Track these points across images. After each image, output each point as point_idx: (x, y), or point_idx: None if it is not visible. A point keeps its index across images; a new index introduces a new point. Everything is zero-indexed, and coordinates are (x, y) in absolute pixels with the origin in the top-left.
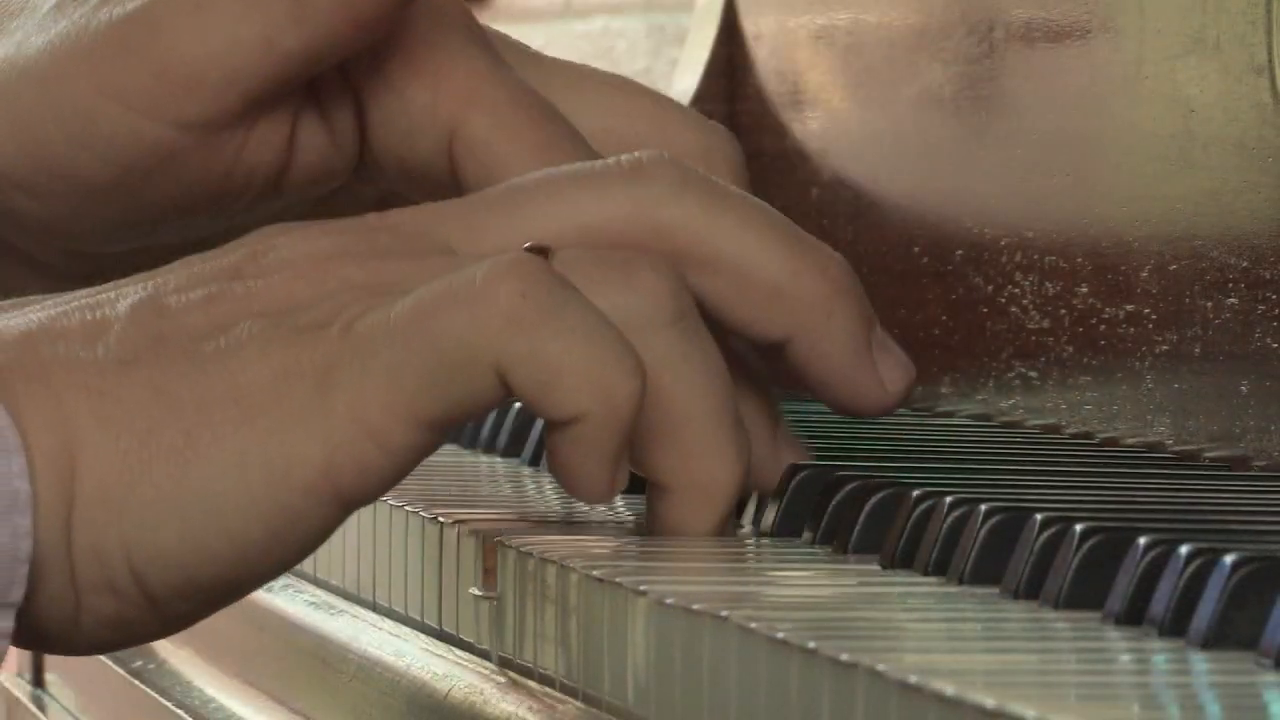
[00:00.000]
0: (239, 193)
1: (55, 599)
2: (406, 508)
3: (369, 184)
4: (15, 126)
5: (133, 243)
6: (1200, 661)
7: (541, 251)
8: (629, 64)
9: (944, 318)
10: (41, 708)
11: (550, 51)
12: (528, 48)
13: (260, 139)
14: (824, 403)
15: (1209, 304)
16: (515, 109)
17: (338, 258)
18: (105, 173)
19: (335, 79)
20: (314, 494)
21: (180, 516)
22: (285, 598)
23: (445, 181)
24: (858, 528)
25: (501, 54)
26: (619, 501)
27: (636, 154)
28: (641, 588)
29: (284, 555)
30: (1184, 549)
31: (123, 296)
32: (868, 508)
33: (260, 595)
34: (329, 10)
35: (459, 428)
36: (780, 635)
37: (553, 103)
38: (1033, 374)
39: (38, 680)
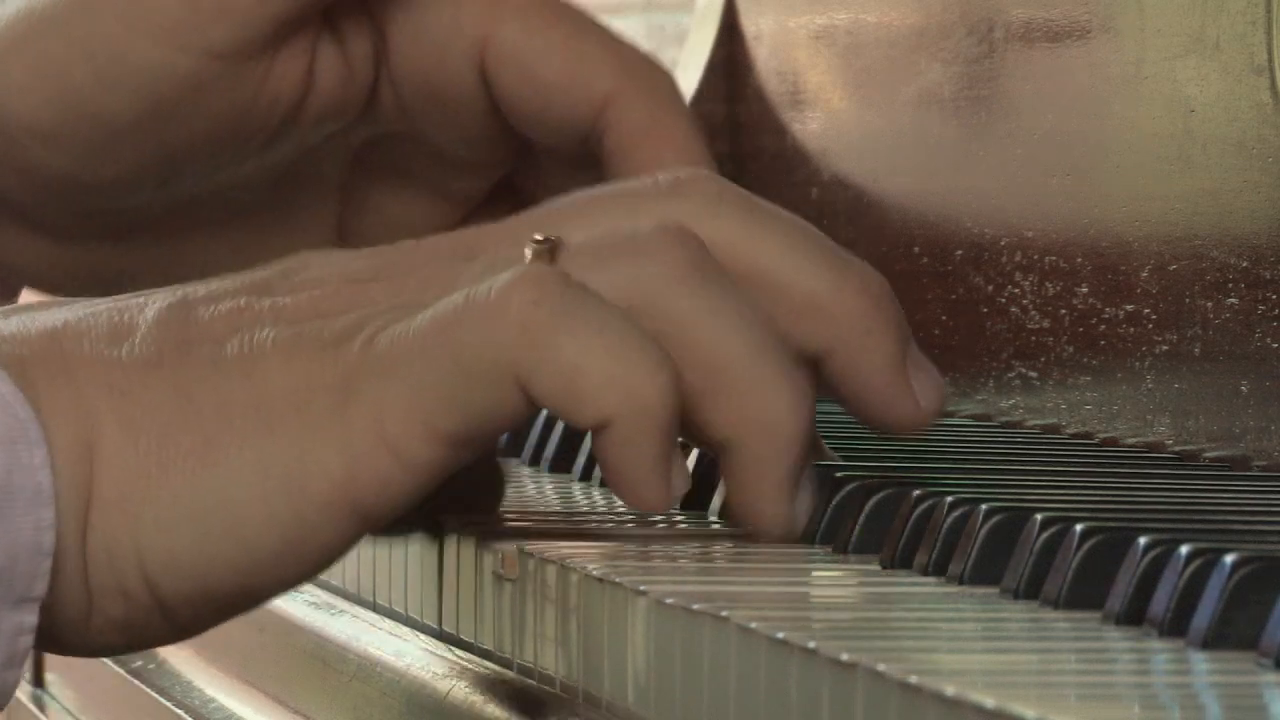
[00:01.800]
0: (259, 127)
1: (68, 599)
2: None
3: (370, 124)
4: (41, 71)
5: (149, 193)
6: (1200, 661)
7: (549, 242)
8: None
9: (944, 318)
10: (41, 708)
11: None
12: None
13: (282, 69)
14: (857, 418)
15: (1209, 304)
16: (539, 10)
17: (369, 280)
18: (132, 109)
19: (351, 7)
20: (331, 507)
21: (195, 522)
22: (285, 598)
23: (470, 98)
24: (858, 528)
25: None
26: (620, 502)
27: (675, 172)
28: (641, 588)
29: (299, 567)
30: (1184, 549)
31: (151, 302)
32: (868, 508)
33: None
34: None
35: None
36: (780, 635)
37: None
38: (1033, 374)
39: (38, 680)
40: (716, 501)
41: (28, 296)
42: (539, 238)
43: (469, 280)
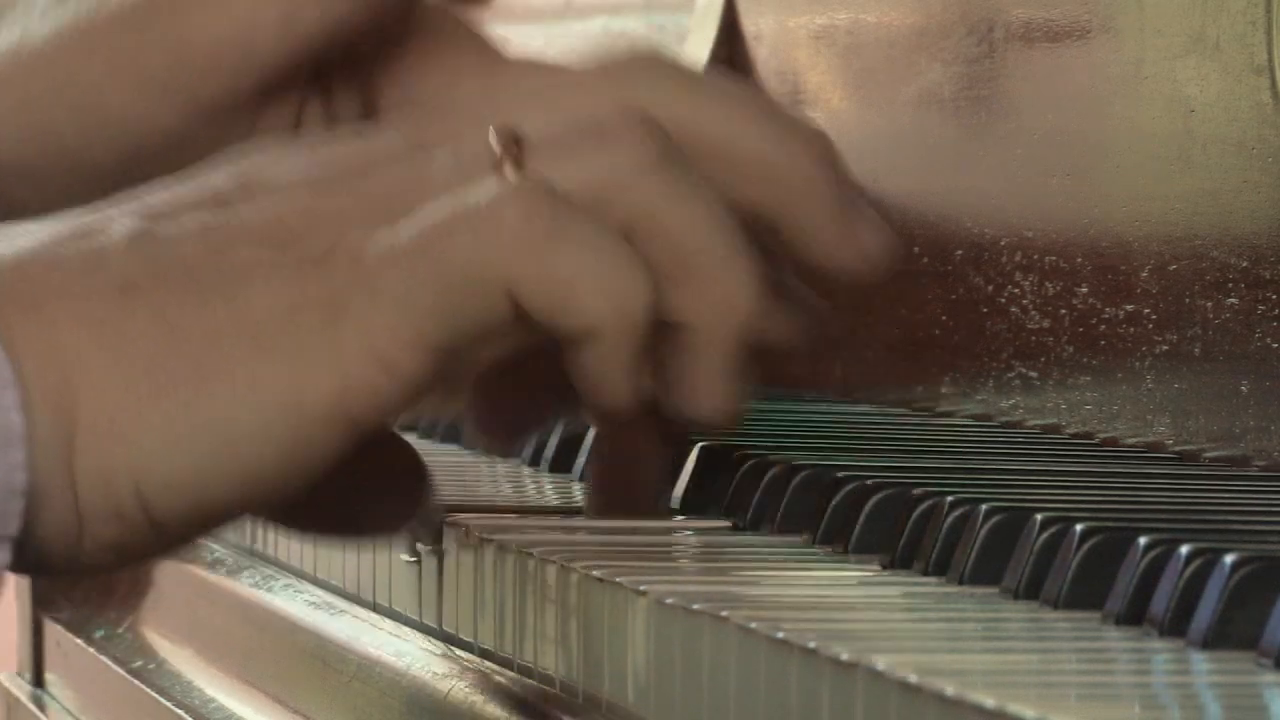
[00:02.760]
0: None
1: (57, 528)
2: None
3: None
4: (22, 114)
5: None
6: (1200, 661)
7: (510, 133)
8: None
9: (944, 318)
10: (41, 708)
11: (550, 52)
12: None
13: (267, 124)
14: (810, 267)
15: (1209, 304)
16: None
17: (325, 183)
18: (112, 156)
19: (341, 66)
20: (328, 421)
21: (193, 445)
22: (285, 598)
23: None
24: (858, 528)
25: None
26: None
27: (618, 55)
28: (641, 588)
29: (294, 479)
30: (1184, 549)
31: (114, 223)
32: (868, 508)
33: (260, 595)
34: None
35: (460, 430)
36: (780, 635)
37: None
38: (1033, 374)
39: (38, 680)
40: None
41: None
42: (502, 131)
43: (440, 177)
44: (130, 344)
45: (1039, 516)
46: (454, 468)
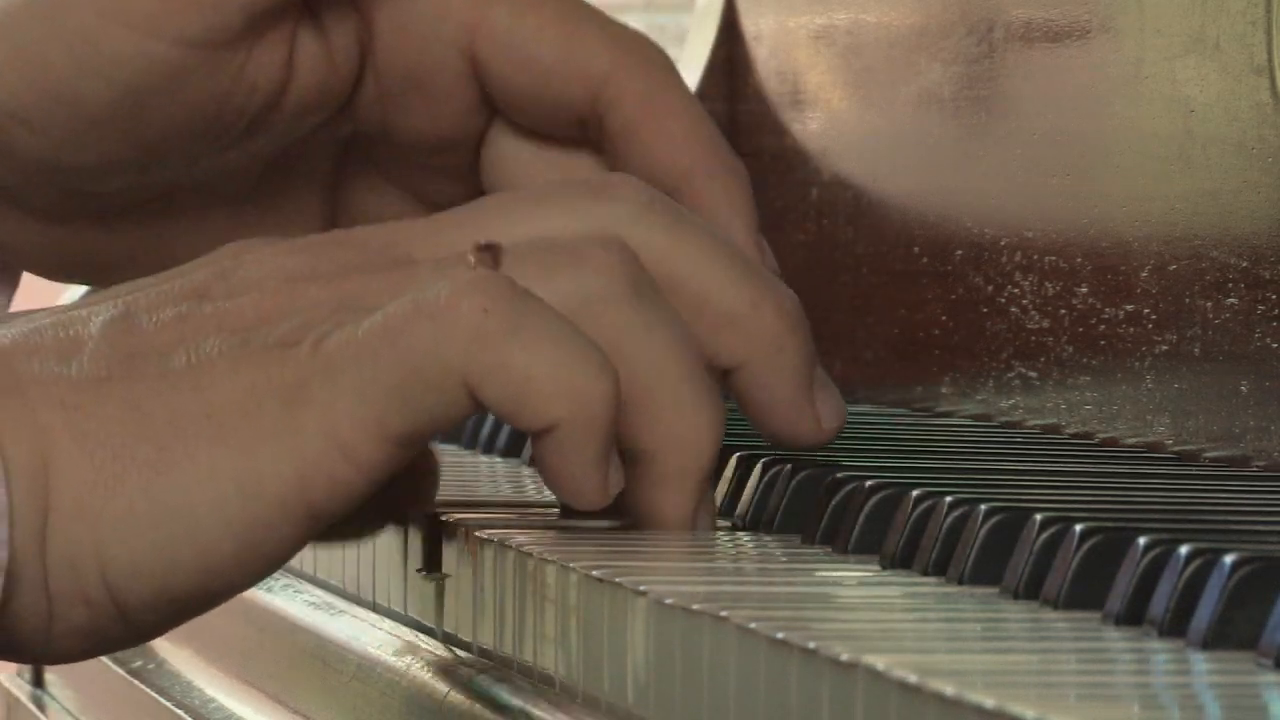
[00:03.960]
0: (237, 116)
1: (29, 609)
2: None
3: (347, 122)
4: (20, 57)
5: (130, 178)
6: (1200, 661)
7: (491, 248)
8: None
9: (944, 318)
10: (41, 708)
11: None
12: None
13: (260, 58)
14: (761, 431)
15: (1209, 304)
16: None
17: (304, 278)
18: (108, 96)
19: None
20: (286, 508)
21: (154, 529)
22: (285, 598)
23: (455, 89)
24: (858, 528)
25: None
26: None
27: (604, 176)
28: (641, 588)
29: (254, 567)
30: (1184, 549)
31: (95, 315)
32: (868, 508)
33: (260, 595)
34: None
35: (459, 430)
36: (780, 635)
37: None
38: (1033, 374)
39: (38, 680)
40: (717, 501)
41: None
42: (481, 243)
43: (415, 286)
44: (101, 429)
45: (1038, 516)
46: (454, 468)
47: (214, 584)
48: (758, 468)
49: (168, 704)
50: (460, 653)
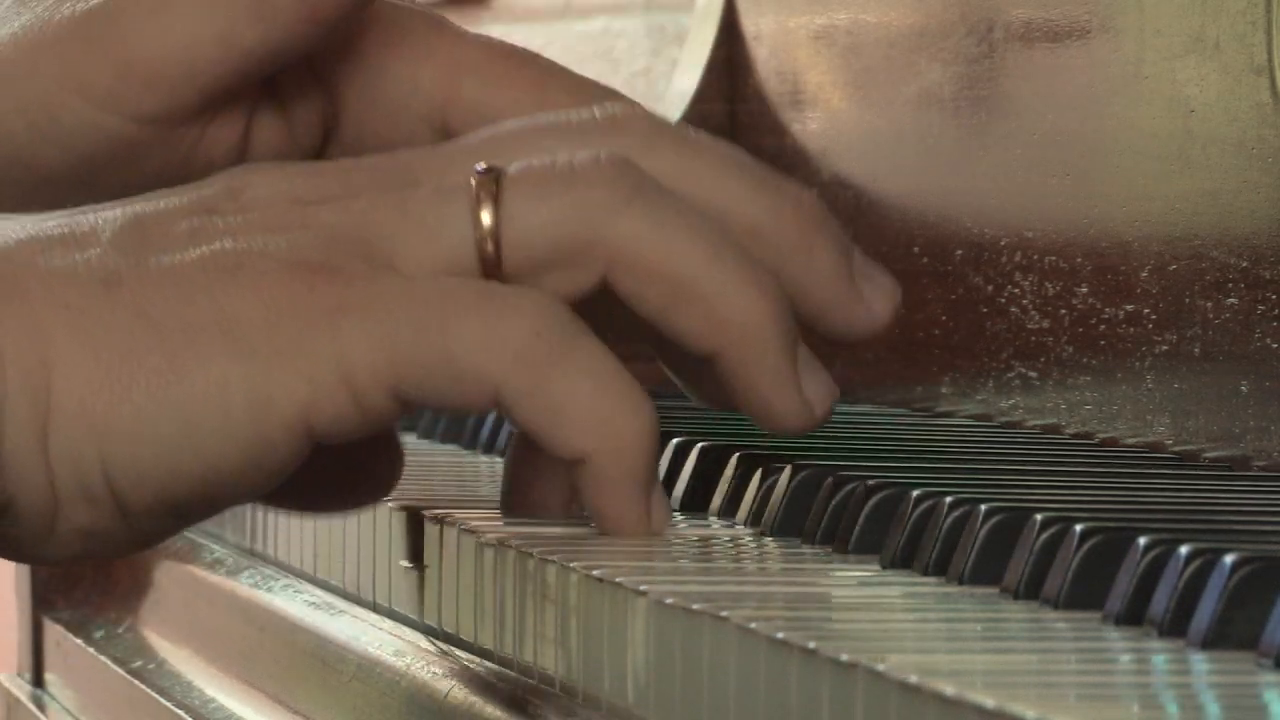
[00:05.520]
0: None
1: (34, 506)
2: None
3: None
4: None
5: None
6: (1200, 661)
7: (493, 171)
8: (629, 64)
9: (944, 318)
10: (41, 708)
11: (550, 51)
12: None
13: (217, 132)
14: (817, 331)
15: (1209, 304)
16: (499, 63)
17: (315, 201)
18: (64, 163)
19: (296, 71)
20: (291, 429)
21: (158, 436)
22: (285, 598)
23: None
24: (858, 528)
25: None
26: None
27: (612, 107)
28: (641, 588)
29: (256, 480)
30: (1184, 549)
31: (104, 220)
32: (868, 508)
33: (260, 595)
34: (289, 8)
35: (460, 430)
36: (780, 635)
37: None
38: (1033, 374)
39: (38, 680)
40: (717, 501)
41: None
42: (482, 166)
43: (417, 207)
44: (108, 334)
45: (1039, 516)
46: (453, 467)
47: (215, 493)
48: (759, 469)
49: (168, 704)
50: (460, 653)
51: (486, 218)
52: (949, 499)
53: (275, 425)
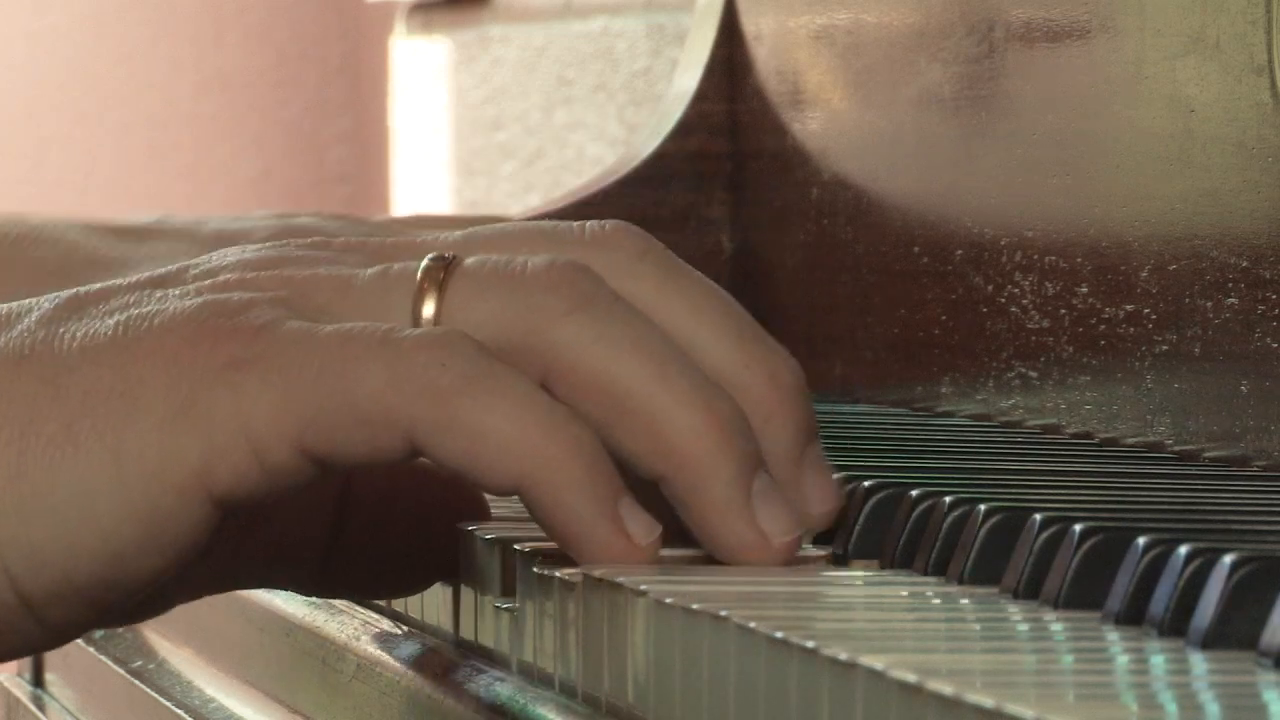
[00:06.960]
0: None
1: None
2: None
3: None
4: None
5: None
6: (1200, 661)
7: (447, 260)
8: (629, 64)
9: (944, 318)
10: (41, 708)
11: (550, 52)
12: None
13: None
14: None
15: (1209, 304)
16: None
17: (263, 269)
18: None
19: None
20: (186, 495)
21: (54, 512)
22: (285, 598)
23: None
24: (858, 528)
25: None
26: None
27: (601, 222)
28: (641, 588)
29: (161, 557)
30: (1184, 549)
31: (45, 300)
32: (868, 508)
33: (260, 595)
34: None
35: None
36: (780, 635)
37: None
38: (1033, 374)
39: (38, 680)
40: None
41: None
42: (435, 254)
43: (360, 287)
44: (10, 406)
45: (1038, 516)
46: None
47: (119, 574)
48: None
49: (168, 704)
50: (460, 652)
51: (428, 308)
52: (948, 499)
53: (168, 491)
